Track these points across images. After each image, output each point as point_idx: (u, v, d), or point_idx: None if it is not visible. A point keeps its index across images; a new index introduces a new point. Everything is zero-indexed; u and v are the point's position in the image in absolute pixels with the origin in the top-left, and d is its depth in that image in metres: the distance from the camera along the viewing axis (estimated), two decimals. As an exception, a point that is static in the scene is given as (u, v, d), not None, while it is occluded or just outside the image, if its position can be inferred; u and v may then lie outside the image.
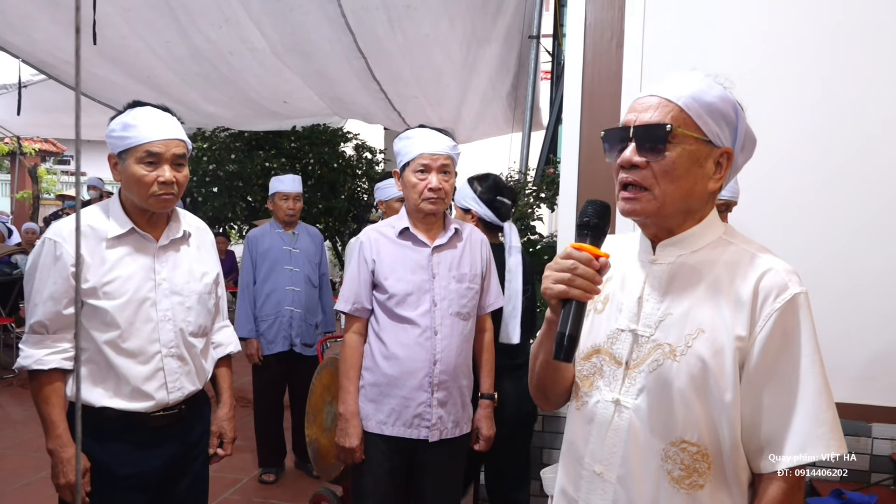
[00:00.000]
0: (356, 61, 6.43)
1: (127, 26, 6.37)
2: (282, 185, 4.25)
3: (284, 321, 4.15)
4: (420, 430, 2.37)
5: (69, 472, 1.91)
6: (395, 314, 2.37)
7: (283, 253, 4.20)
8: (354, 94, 7.15)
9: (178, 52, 6.65)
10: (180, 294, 2.04)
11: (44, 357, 1.93)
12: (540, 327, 1.41)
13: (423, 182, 2.37)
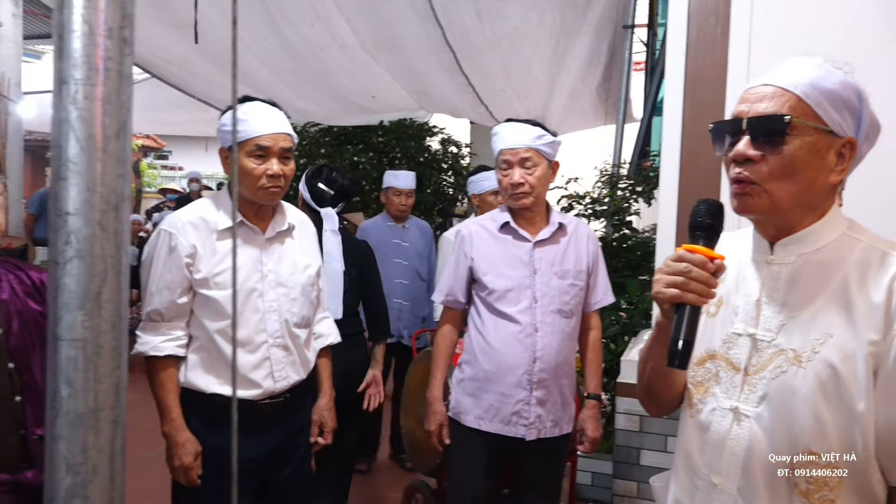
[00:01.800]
0: (444, 55, 6.44)
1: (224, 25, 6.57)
2: (396, 180, 4.31)
3: (393, 313, 4.19)
4: (517, 427, 2.34)
5: (182, 455, 1.99)
6: (495, 309, 2.35)
7: (392, 246, 4.26)
8: (442, 88, 7.17)
9: (272, 49, 6.82)
10: (285, 285, 2.08)
11: (160, 344, 2.01)
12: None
13: (507, 178, 2.35)
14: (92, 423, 0.65)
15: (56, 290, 0.64)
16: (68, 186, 0.63)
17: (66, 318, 0.64)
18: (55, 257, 0.64)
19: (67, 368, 0.64)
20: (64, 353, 0.64)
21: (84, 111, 0.63)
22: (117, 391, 0.66)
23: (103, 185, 0.64)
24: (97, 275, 0.64)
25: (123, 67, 0.66)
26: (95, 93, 0.64)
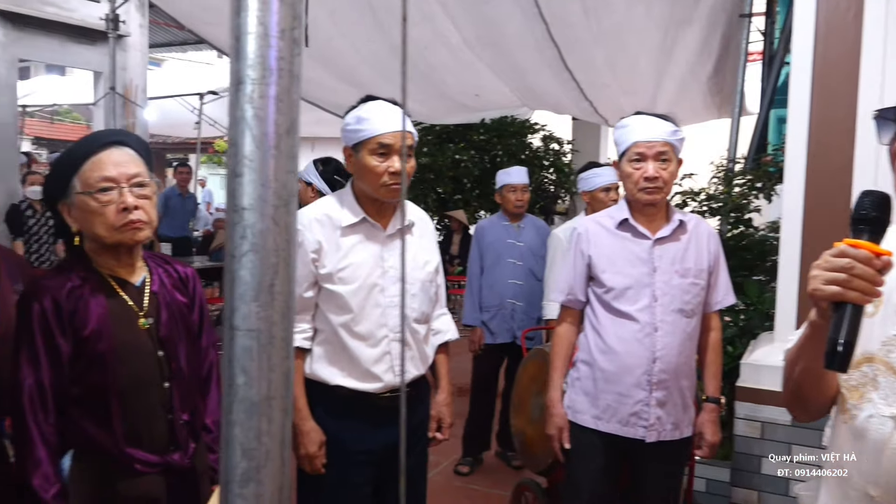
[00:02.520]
0: (548, 51, 6.37)
1: (334, 28, 6.75)
2: (509, 177, 4.30)
3: (507, 313, 4.20)
4: (636, 428, 2.28)
5: (308, 444, 2.06)
6: (612, 308, 2.31)
7: (507, 246, 4.25)
8: (545, 84, 7.11)
9: (378, 50, 6.95)
10: (405, 281, 2.11)
11: None
12: None
13: (639, 171, 2.28)
14: (265, 410, 0.67)
15: (232, 282, 0.66)
16: (244, 182, 0.66)
17: (242, 309, 0.66)
18: (231, 251, 0.66)
19: (243, 357, 0.66)
20: (240, 342, 0.66)
21: (259, 110, 0.66)
22: (286, 380, 0.69)
23: (276, 181, 0.66)
24: (270, 267, 0.66)
25: (294, 67, 0.68)
26: (269, 92, 0.66)
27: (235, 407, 0.67)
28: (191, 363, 1.70)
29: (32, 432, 1.50)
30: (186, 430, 1.68)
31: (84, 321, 1.55)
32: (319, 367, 2.10)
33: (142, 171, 1.60)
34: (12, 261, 1.86)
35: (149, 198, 1.60)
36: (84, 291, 1.58)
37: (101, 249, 1.63)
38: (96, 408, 1.56)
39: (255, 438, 0.67)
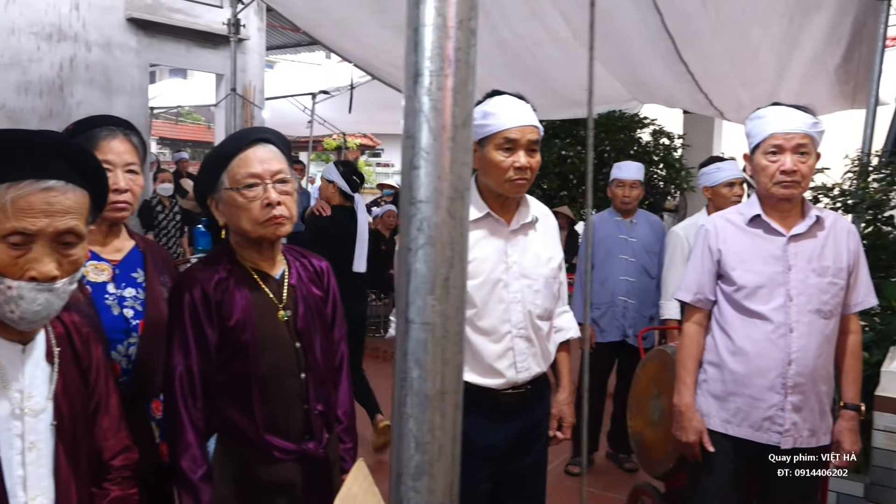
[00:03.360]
0: (662, 42, 6.17)
1: (442, 26, 6.77)
2: (619, 172, 4.21)
3: (618, 311, 4.10)
4: (770, 434, 2.17)
5: None
6: (743, 307, 2.20)
7: (618, 242, 4.15)
8: (658, 77, 6.90)
9: (486, 47, 6.95)
10: (528, 277, 2.09)
11: None
12: None
13: (775, 164, 2.16)
14: (438, 404, 0.67)
15: (408, 275, 0.66)
16: (420, 175, 0.66)
17: (418, 303, 0.66)
18: (407, 244, 0.66)
19: (417, 351, 0.66)
20: (414, 335, 0.66)
21: (437, 101, 0.65)
22: (459, 375, 0.68)
23: (452, 173, 0.66)
24: (445, 261, 0.66)
25: (470, 58, 0.67)
26: (446, 83, 0.66)
27: (409, 400, 0.67)
28: (325, 355, 1.75)
29: (183, 416, 1.59)
30: (321, 420, 1.73)
31: (230, 312, 1.63)
32: None
33: (284, 167, 1.66)
34: (158, 254, 1.96)
35: (290, 194, 1.66)
36: (230, 283, 1.65)
37: (245, 243, 1.70)
38: (239, 395, 1.63)
39: (429, 432, 0.67)
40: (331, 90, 10.03)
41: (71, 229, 1.19)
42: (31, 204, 1.15)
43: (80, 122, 1.82)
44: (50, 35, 6.69)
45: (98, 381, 1.39)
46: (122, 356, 1.79)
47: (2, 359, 1.22)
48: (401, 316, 0.67)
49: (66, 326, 1.36)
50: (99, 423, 1.39)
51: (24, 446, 1.22)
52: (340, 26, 7.21)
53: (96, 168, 1.27)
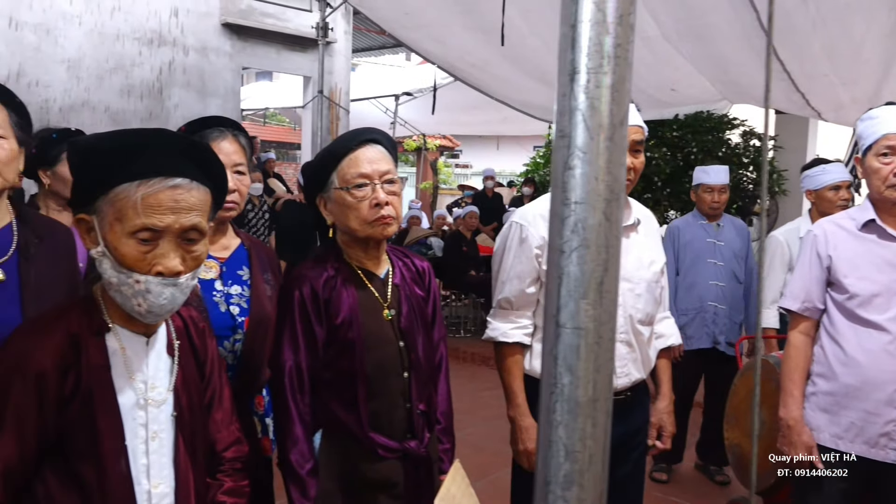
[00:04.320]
0: (757, 40, 5.95)
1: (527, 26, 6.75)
2: (707, 176, 4.08)
3: (707, 317, 3.97)
4: (887, 451, 2.04)
5: (526, 440, 2.05)
6: (856, 316, 2.08)
7: (706, 246, 4.02)
8: (752, 76, 6.66)
9: (570, 47, 6.85)
10: (630, 280, 2.04)
11: (508, 331, 2.09)
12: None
13: (889, 166, 2.04)
14: (590, 412, 0.65)
15: (559, 278, 0.64)
16: (575, 175, 0.64)
17: (570, 307, 0.64)
18: (559, 245, 0.64)
19: (569, 356, 0.64)
20: (566, 340, 0.64)
21: (595, 99, 0.63)
22: (611, 383, 0.66)
23: (608, 173, 0.64)
24: (600, 264, 0.64)
25: (629, 55, 0.64)
26: (605, 81, 0.63)
27: (559, 407, 0.65)
28: (426, 355, 1.76)
29: (292, 411, 1.62)
30: (422, 419, 1.73)
31: (337, 309, 1.65)
32: (539, 364, 2.08)
33: (392, 168, 1.68)
34: (262, 252, 2.01)
35: (397, 194, 1.67)
36: (337, 282, 1.68)
37: (352, 242, 1.72)
38: (344, 392, 1.65)
39: (580, 441, 0.65)
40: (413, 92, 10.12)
41: (195, 226, 1.23)
42: (160, 201, 1.19)
43: (192, 123, 1.88)
44: (151, 40, 7.00)
45: (213, 375, 1.43)
46: (227, 352, 1.83)
47: (128, 350, 1.27)
48: (550, 320, 0.66)
49: (185, 320, 1.41)
50: (213, 416, 1.43)
51: (147, 435, 1.27)
52: (425, 28, 7.26)
53: (218, 166, 1.31)
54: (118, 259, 1.19)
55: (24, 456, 1.16)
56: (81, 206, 1.23)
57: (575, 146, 0.64)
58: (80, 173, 1.24)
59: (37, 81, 6.41)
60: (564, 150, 0.64)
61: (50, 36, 6.49)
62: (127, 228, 1.18)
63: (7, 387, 1.16)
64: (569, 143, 0.64)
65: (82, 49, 6.65)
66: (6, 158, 1.56)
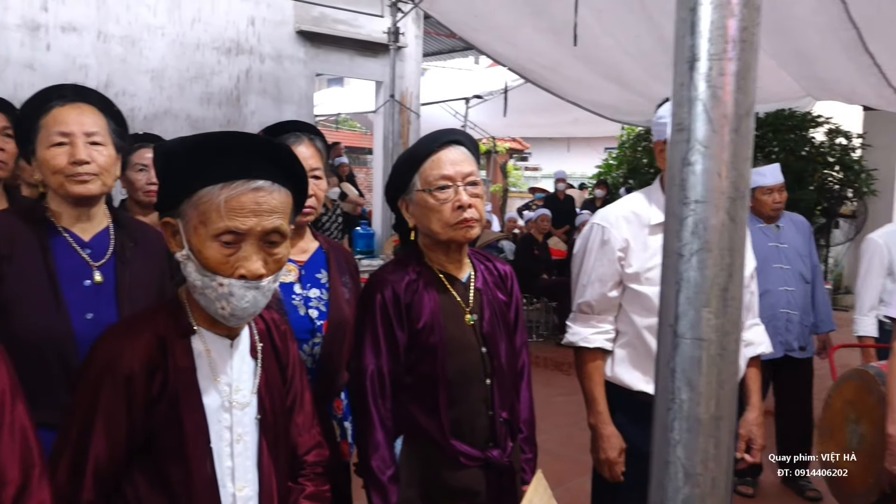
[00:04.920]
0: (845, 33, 5.67)
1: (599, 26, 6.63)
2: (763, 178, 3.87)
3: (780, 325, 3.76)
4: None
5: (608, 449, 1.98)
6: None
7: (770, 250, 3.81)
8: (838, 71, 6.35)
9: (645, 46, 6.71)
10: None
11: (589, 336, 2.04)
12: None
13: None
14: (712, 431, 0.59)
15: (678, 284, 0.59)
16: (696, 171, 0.59)
17: (690, 315, 0.59)
18: (678, 248, 0.59)
19: (689, 370, 0.59)
20: (685, 352, 0.59)
21: (717, 88, 0.58)
22: (734, 398, 0.60)
23: (733, 169, 0.58)
24: (724, 269, 0.58)
25: (755, 38, 0.59)
26: (729, 68, 0.58)
27: (678, 425, 0.60)
28: (509, 361, 1.71)
29: (373, 416, 1.60)
30: (505, 427, 1.69)
31: (418, 313, 1.62)
32: (621, 371, 2.02)
33: (474, 170, 1.64)
34: (340, 255, 2.01)
35: (480, 196, 1.64)
36: (419, 285, 1.65)
37: (434, 245, 1.69)
38: (426, 398, 1.63)
39: (701, 463, 0.59)
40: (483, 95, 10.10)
41: (277, 228, 1.22)
42: (243, 204, 1.18)
43: (269, 128, 1.89)
44: (229, 49, 7.20)
45: (294, 378, 1.42)
46: (306, 356, 1.83)
47: (213, 352, 1.27)
48: (667, 330, 0.60)
49: (267, 323, 1.40)
50: (294, 419, 1.42)
51: (232, 438, 1.27)
52: (496, 30, 7.22)
53: (299, 169, 1.30)
54: (202, 262, 1.19)
55: (113, 457, 1.18)
56: (167, 210, 1.24)
57: (695, 140, 0.58)
58: (165, 177, 1.25)
59: (123, 91, 6.66)
60: (683, 144, 0.59)
61: (135, 47, 6.75)
62: (210, 231, 1.18)
63: (97, 388, 1.18)
64: (688, 137, 0.59)
65: (165, 59, 6.89)
66: (105, 164, 1.64)
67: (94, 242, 1.69)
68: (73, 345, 1.55)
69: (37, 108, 1.63)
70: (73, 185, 1.61)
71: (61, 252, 1.64)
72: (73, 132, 1.61)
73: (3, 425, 0.96)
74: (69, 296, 1.60)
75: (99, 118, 1.66)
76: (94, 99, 1.68)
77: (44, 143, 1.62)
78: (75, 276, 1.63)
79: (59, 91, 1.64)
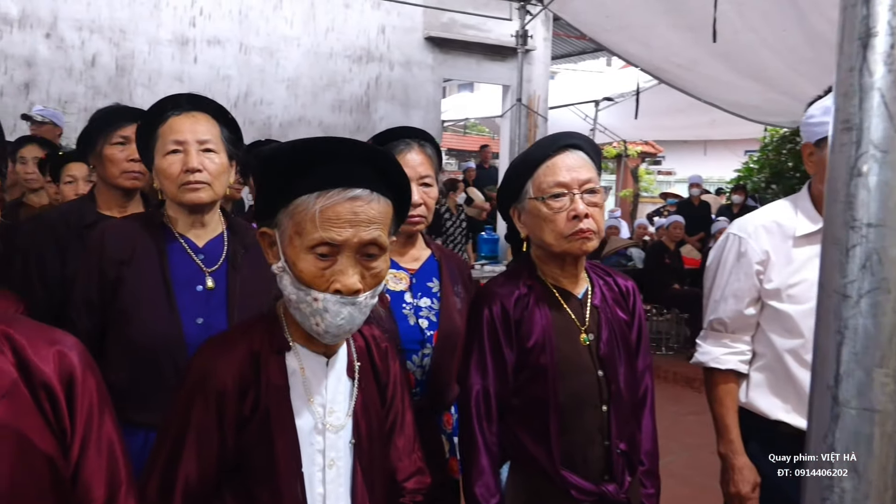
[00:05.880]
0: None
1: (741, 21, 6.24)
2: None
3: None
4: None
5: (739, 482, 1.81)
6: None
7: None
8: None
9: (792, 41, 6.24)
10: None
11: (721, 356, 1.87)
12: None
13: None
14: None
15: (840, 334, 0.45)
16: (868, 184, 0.44)
17: (857, 376, 0.44)
18: (841, 287, 0.45)
19: (854, 448, 0.44)
20: (848, 425, 0.44)
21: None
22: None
23: (922, 182, 0.43)
24: (906, 316, 0.43)
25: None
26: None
27: (838, 517, 0.45)
28: (629, 387, 1.56)
29: (478, 439, 1.51)
30: (623, 460, 1.53)
31: (529, 331, 1.51)
32: (758, 397, 1.83)
33: (593, 176, 1.51)
34: (453, 263, 1.93)
35: (599, 205, 1.50)
36: (530, 300, 1.54)
37: (547, 257, 1.57)
38: (534, 422, 1.51)
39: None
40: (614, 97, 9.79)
41: (374, 240, 1.14)
42: (338, 214, 1.11)
43: (379, 135, 1.85)
44: (360, 57, 7.37)
45: (395, 398, 1.34)
46: (416, 367, 1.77)
47: (307, 370, 1.21)
48: (823, 392, 0.46)
49: (367, 340, 1.33)
50: (394, 443, 1.34)
51: (324, 463, 1.20)
52: (628, 30, 6.96)
53: (400, 176, 1.22)
54: (297, 275, 1.14)
55: (204, 476, 1.14)
56: (265, 219, 1.20)
57: (868, 142, 0.44)
58: (263, 184, 1.20)
59: (261, 100, 6.97)
60: (850, 147, 0.45)
61: (273, 58, 7.04)
62: (305, 243, 1.12)
63: (189, 405, 1.15)
64: (858, 139, 0.44)
65: (300, 69, 7.15)
66: (216, 172, 1.65)
67: (208, 248, 1.72)
68: (184, 349, 1.58)
69: (155, 117, 1.68)
70: (185, 192, 1.65)
71: (176, 257, 1.68)
72: (187, 140, 1.64)
73: (90, 441, 0.94)
74: (182, 301, 1.63)
75: (212, 126, 1.69)
76: (209, 107, 1.70)
77: (160, 151, 1.66)
78: (189, 281, 1.66)
79: (176, 101, 1.68)
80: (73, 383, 0.93)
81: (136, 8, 6.49)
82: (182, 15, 6.65)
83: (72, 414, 0.92)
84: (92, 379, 0.94)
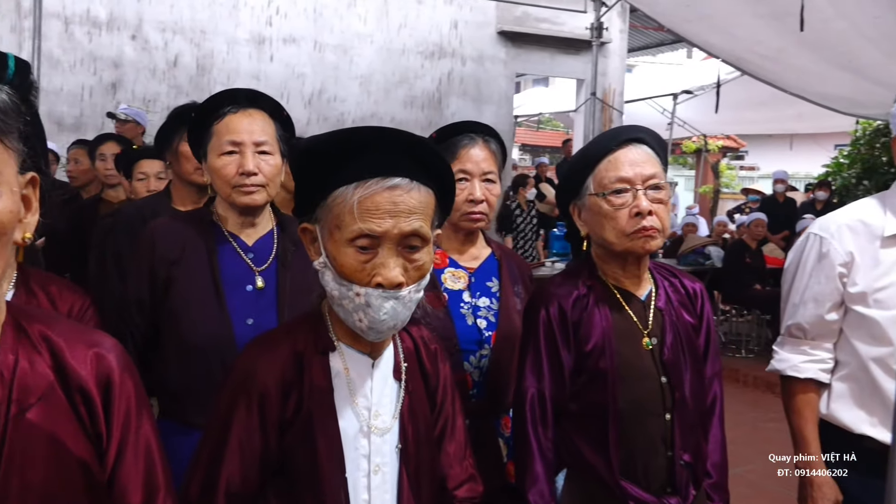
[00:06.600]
0: None
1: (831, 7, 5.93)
2: None
3: None
4: None
5: (819, 499, 1.72)
6: None
7: None
8: None
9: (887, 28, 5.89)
10: None
11: (800, 364, 1.77)
12: None
13: None
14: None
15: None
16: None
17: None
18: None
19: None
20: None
21: None
22: None
23: None
24: None
25: None
26: None
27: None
28: (695, 395, 1.48)
29: (532, 445, 1.46)
30: (687, 472, 1.46)
31: (587, 334, 1.45)
32: (840, 409, 1.72)
33: (658, 171, 1.43)
34: (513, 262, 1.88)
35: (663, 202, 1.42)
36: (589, 301, 1.48)
37: (608, 257, 1.51)
38: (592, 429, 1.45)
39: None
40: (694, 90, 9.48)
41: (415, 231, 1.10)
42: (377, 204, 1.08)
43: (443, 129, 1.81)
44: (432, 53, 7.37)
45: (445, 403, 1.30)
46: (473, 368, 1.73)
47: (352, 371, 1.19)
48: None
49: (415, 341, 1.30)
50: (445, 449, 1.30)
51: (370, 468, 1.17)
52: (708, 20, 6.72)
53: (441, 164, 1.17)
54: (338, 270, 1.11)
55: (246, 478, 1.13)
56: (305, 214, 1.18)
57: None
58: (301, 178, 1.18)
59: (334, 97, 7.07)
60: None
61: (347, 55, 7.13)
62: (345, 235, 1.09)
63: (232, 406, 1.14)
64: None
65: (373, 65, 7.21)
66: (270, 174, 1.65)
67: (258, 246, 1.71)
68: (234, 349, 1.56)
69: (210, 113, 1.66)
70: (239, 195, 1.64)
71: (226, 257, 1.67)
72: (244, 141, 1.62)
73: (128, 444, 0.92)
74: (231, 301, 1.63)
75: (268, 125, 1.67)
76: (266, 104, 1.70)
77: (215, 150, 1.65)
78: (238, 281, 1.66)
79: (234, 97, 1.67)
80: (111, 386, 0.91)
81: (216, 9, 6.68)
82: (259, 14, 6.81)
83: (108, 418, 0.91)
84: (130, 381, 0.93)
